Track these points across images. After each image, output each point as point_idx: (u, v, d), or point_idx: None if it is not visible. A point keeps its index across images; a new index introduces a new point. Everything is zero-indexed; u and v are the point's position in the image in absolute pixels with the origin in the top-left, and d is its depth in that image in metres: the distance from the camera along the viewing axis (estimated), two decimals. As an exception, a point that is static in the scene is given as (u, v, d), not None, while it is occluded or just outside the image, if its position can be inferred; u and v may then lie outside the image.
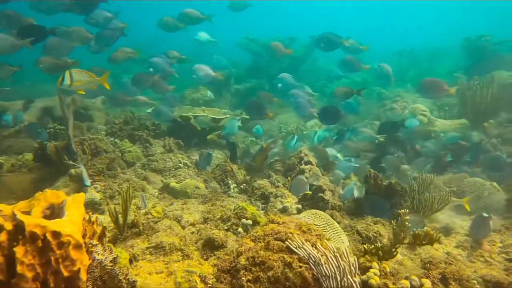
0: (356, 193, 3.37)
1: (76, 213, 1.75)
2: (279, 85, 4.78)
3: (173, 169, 3.80)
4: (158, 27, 5.07)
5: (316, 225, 2.07)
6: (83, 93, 3.28)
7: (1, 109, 5.50)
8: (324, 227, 2.12)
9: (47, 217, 1.82)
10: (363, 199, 3.31)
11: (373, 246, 2.28)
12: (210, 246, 2.36)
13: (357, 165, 4.03)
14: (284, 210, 3.18)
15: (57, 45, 3.85)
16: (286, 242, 1.70)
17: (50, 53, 3.97)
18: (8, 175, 3.50)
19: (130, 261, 2.15)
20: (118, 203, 3.24)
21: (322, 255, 1.66)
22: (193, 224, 2.75)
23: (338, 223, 2.73)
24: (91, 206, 3.12)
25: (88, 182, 3.19)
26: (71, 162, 3.27)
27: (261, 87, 9.01)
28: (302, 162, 3.91)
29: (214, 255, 2.30)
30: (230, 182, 3.80)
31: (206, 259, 2.28)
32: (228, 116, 5.64)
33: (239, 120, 5.36)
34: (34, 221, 1.58)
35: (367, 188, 3.43)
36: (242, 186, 3.76)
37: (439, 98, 4.46)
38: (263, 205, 3.41)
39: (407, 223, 2.21)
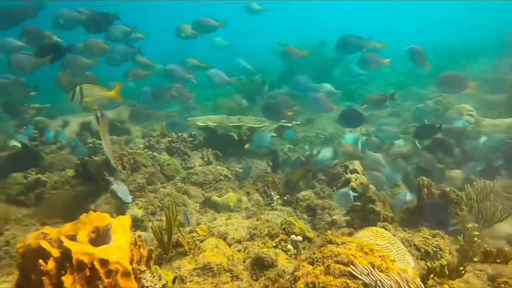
0: (408, 197, 3.16)
1: (123, 237, 1.66)
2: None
3: (214, 182, 3.70)
4: (175, 36, 4.95)
5: (378, 245, 1.90)
6: (96, 107, 3.23)
7: (42, 125, 5.61)
8: (387, 246, 1.94)
9: (92, 240, 1.74)
10: (419, 206, 3.10)
11: (437, 264, 2.08)
12: (259, 265, 2.23)
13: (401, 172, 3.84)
14: (333, 224, 3.01)
15: (74, 63, 3.85)
16: (349, 267, 1.54)
17: (68, 71, 3.98)
18: (52, 192, 3.50)
19: (173, 280, 2.04)
20: (160, 219, 3.17)
21: (389, 280, 1.49)
22: (239, 241, 2.62)
23: (381, 228, 2.54)
24: (133, 223, 3.05)
25: (129, 198, 3.13)
26: (111, 178, 3.23)
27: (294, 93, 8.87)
28: (348, 170, 3.73)
29: (264, 275, 2.17)
30: (272, 193, 3.66)
31: (256, 280, 2.15)
32: (266, 124, 5.52)
33: (272, 130, 5.23)
34: (81, 249, 1.50)
35: (419, 198, 3.21)
36: (285, 198, 3.62)
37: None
38: (309, 218, 3.25)
39: (476, 238, 2.00)
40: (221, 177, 3.74)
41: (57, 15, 3.88)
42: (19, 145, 4.38)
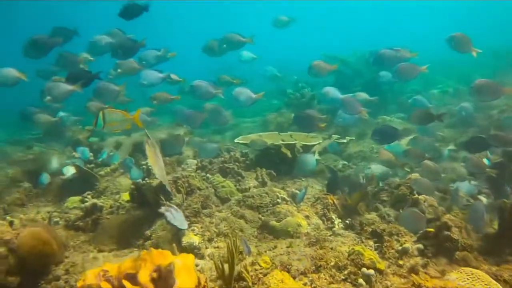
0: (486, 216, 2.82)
1: (189, 280, 1.52)
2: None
3: (271, 205, 3.52)
4: (203, 52, 4.80)
5: (479, 290, 1.64)
6: (119, 131, 3.16)
7: (96, 147, 5.71)
8: (488, 291, 1.67)
9: (154, 281, 1.61)
10: (503, 232, 2.75)
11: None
12: (331, 304, 2.01)
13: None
14: (404, 252, 2.73)
15: (104, 90, 3.83)
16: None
17: (99, 98, 3.98)
18: (108, 217, 3.47)
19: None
20: (217, 246, 3.03)
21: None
22: (304, 273, 2.42)
23: (475, 269, 2.23)
24: (190, 251, 2.92)
25: (185, 225, 3.01)
26: (167, 203, 3.13)
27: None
28: (415, 191, 3.42)
29: (337, 315, 1.95)
30: (333, 217, 3.43)
31: (329, 321, 1.93)
32: (321, 141, 5.30)
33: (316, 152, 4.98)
34: (145, 296, 1.37)
35: (501, 223, 2.86)
36: (347, 221, 3.38)
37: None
38: (376, 245, 2.98)
39: None
40: (278, 200, 3.55)
41: (90, 42, 3.98)
42: (74, 171, 4.44)
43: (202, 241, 3.00)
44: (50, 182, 4.39)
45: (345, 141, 5.83)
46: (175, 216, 3.04)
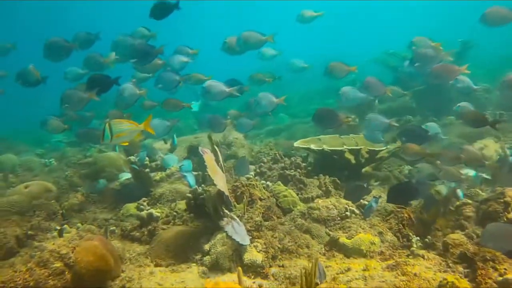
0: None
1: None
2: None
3: (339, 219, 3.18)
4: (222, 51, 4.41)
5: None
6: (127, 144, 2.94)
7: (149, 151, 5.60)
8: None
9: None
10: None
11: None
12: None
13: None
14: (506, 284, 2.30)
15: (124, 95, 3.65)
16: None
17: (119, 106, 3.83)
18: (164, 227, 3.29)
19: None
20: (282, 265, 2.75)
21: None
22: (388, 306, 2.08)
23: None
24: (253, 270, 2.67)
25: (247, 240, 2.76)
26: (229, 215, 2.90)
27: (407, 105, 8.02)
28: (510, 208, 2.95)
29: None
30: (410, 233, 3.04)
31: None
32: (389, 147, 4.86)
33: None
34: None
35: None
36: (427, 240, 2.97)
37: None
38: (466, 271, 2.56)
39: None
40: (347, 212, 3.21)
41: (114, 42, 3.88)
42: (129, 175, 4.34)
43: (266, 258, 2.73)
44: (106, 187, 4.33)
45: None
46: (237, 230, 2.80)
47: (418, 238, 3.04)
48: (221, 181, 2.92)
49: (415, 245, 2.95)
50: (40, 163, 6.68)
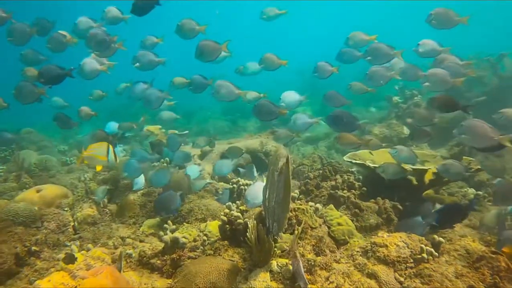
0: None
1: None
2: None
3: (412, 261, 2.48)
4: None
5: None
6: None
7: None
8: None
9: None
10: None
11: None
12: None
13: None
14: None
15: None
16: None
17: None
18: (192, 255, 2.67)
19: None
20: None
21: None
22: None
23: None
24: (307, 329, 2.02)
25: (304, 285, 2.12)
26: (293, 252, 2.26)
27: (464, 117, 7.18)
28: None
29: None
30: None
31: None
32: (445, 162, 4.12)
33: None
34: None
35: None
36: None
37: None
38: None
39: None
40: (423, 254, 2.50)
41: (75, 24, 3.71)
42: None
43: (322, 313, 2.07)
44: (126, 197, 3.77)
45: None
46: (296, 271, 2.16)
47: (517, 292, 2.32)
48: (285, 206, 2.29)
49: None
50: (58, 162, 6.21)
